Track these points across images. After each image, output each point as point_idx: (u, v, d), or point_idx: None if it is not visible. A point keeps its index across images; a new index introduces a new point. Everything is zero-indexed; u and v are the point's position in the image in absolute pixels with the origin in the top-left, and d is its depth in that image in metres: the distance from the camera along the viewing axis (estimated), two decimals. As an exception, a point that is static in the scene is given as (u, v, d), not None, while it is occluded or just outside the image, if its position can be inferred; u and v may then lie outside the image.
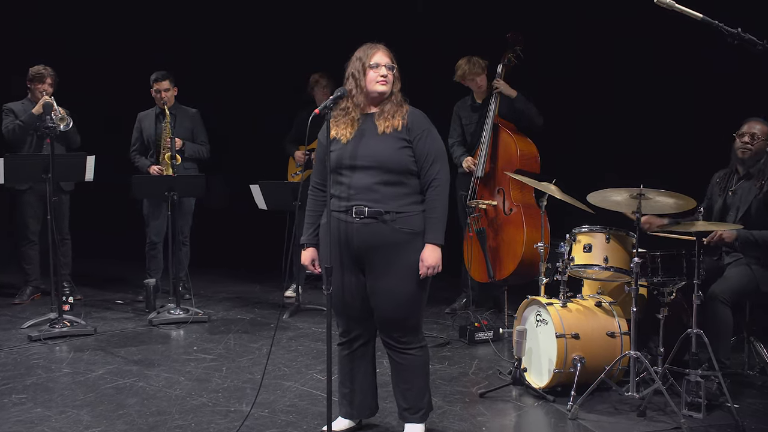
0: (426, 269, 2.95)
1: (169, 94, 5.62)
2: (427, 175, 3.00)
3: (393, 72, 3.04)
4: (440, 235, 2.98)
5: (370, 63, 3.03)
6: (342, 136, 3.05)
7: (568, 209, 4.21)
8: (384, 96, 3.04)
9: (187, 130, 5.69)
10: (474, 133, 5.28)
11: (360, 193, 2.97)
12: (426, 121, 3.06)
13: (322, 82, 5.86)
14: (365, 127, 3.04)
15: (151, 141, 5.68)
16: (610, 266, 3.84)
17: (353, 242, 3.00)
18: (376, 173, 2.96)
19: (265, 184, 5.60)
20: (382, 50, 3.05)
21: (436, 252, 2.96)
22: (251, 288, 6.43)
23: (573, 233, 3.97)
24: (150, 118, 5.70)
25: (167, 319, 5.19)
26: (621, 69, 5.75)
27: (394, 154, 2.96)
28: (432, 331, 4.96)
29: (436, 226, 2.97)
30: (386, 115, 3.01)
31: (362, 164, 2.98)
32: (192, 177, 5.45)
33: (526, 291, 4.21)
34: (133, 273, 6.36)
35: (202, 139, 5.76)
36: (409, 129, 3.00)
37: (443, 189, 3.00)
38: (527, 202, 5.06)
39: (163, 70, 5.67)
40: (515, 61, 5.16)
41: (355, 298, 3.06)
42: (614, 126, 5.76)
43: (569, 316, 3.87)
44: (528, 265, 4.88)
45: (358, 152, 2.99)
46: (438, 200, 2.98)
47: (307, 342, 4.79)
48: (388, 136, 2.98)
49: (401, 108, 3.03)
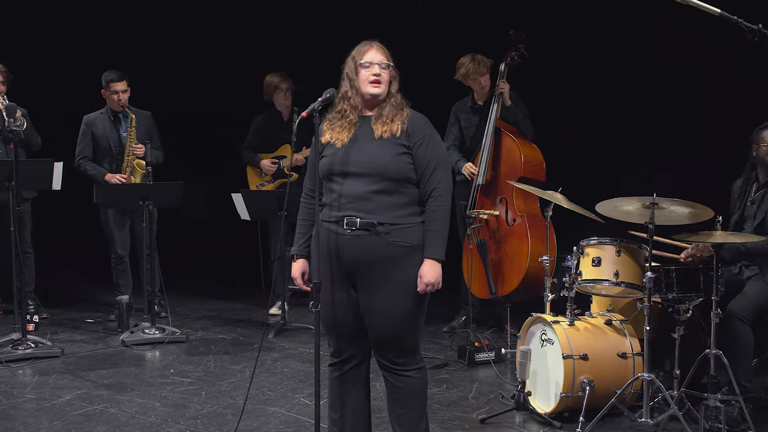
0: (425, 286, 2.93)
1: (125, 96, 5.56)
2: (427, 184, 2.97)
3: (388, 71, 3.00)
4: (441, 250, 2.95)
5: (362, 61, 3.00)
6: (337, 141, 3.01)
7: (576, 219, 4.21)
8: (379, 98, 3.00)
9: (144, 133, 5.61)
10: (474, 136, 5.29)
11: (352, 203, 2.95)
12: (428, 125, 3.04)
13: (282, 86, 5.84)
14: (361, 131, 3.01)
15: (107, 147, 5.62)
16: (621, 281, 3.82)
17: (344, 256, 2.97)
18: (371, 181, 2.94)
19: (248, 193, 5.60)
20: (375, 47, 3.02)
21: (436, 268, 2.94)
22: (233, 305, 6.41)
23: (581, 246, 3.97)
24: (103, 122, 5.63)
25: (141, 339, 5.16)
26: (631, 69, 5.78)
27: (392, 161, 2.94)
28: (429, 352, 4.95)
29: (437, 240, 2.95)
30: (384, 118, 2.98)
31: (355, 171, 2.95)
32: (169, 185, 5.43)
33: (531, 308, 4.18)
34: (104, 289, 6.32)
35: (157, 144, 5.67)
36: (409, 134, 2.97)
37: (445, 199, 2.98)
38: (532, 212, 5.06)
39: (117, 70, 5.60)
40: (518, 60, 5.16)
41: (346, 316, 3.04)
42: (625, 130, 5.78)
43: (577, 335, 3.86)
44: (532, 280, 4.88)
45: (351, 157, 2.97)
46: (439, 212, 2.96)
47: (294, 364, 4.77)
48: (385, 141, 2.95)
49: (401, 111, 3.01)
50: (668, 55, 5.55)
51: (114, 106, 5.59)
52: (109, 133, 5.61)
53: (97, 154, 5.64)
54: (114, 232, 5.69)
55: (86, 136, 5.64)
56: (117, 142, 5.61)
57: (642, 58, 5.69)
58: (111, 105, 5.61)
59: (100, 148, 5.63)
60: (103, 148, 5.62)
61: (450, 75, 5.23)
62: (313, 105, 3.00)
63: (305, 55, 6.53)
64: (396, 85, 3.03)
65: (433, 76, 5.58)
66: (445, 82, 5.29)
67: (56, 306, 6.09)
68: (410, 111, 3.04)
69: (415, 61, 5.78)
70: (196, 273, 7.24)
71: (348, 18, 6.40)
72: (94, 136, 5.63)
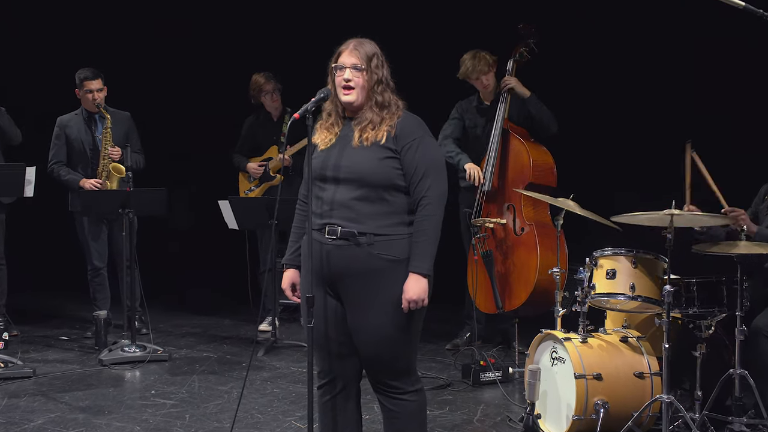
0: (407, 303, 2.90)
1: (101, 95, 5.55)
2: (416, 192, 2.95)
3: (363, 75, 2.97)
4: (426, 263, 2.91)
5: (334, 64, 3.00)
6: (322, 142, 3.04)
7: (589, 228, 4.22)
8: (352, 105, 2.99)
9: (122, 136, 5.61)
10: (479, 138, 5.29)
11: (336, 210, 2.95)
12: (419, 128, 3.01)
13: (267, 88, 5.85)
14: (346, 134, 3.02)
15: (81, 150, 5.61)
16: (637, 295, 3.82)
17: (326, 267, 2.98)
18: (354, 187, 2.93)
19: (236, 200, 5.60)
20: (350, 48, 3.00)
21: (421, 283, 2.90)
22: (219, 321, 6.40)
23: (594, 257, 3.96)
24: (77, 123, 5.63)
25: (120, 357, 5.15)
26: (650, 66, 5.77)
27: (376, 166, 2.93)
28: (430, 371, 4.94)
29: (423, 252, 2.91)
30: (364, 124, 2.97)
31: (336, 175, 2.96)
32: (150, 192, 5.42)
33: (540, 324, 4.19)
34: (80, 304, 6.31)
35: (137, 147, 5.67)
36: (396, 137, 2.96)
37: (435, 208, 2.94)
38: (541, 221, 5.06)
39: (91, 67, 5.60)
40: (528, 56, 5.16)
41: (334, 332, 3.03)
42: (642, 130, 5.77)
43: (590, 353, 3.85)
44: (542, 293, 4.88)
45: (332, 161, 2.97)
46: (427, 222, 2.93)
47: (285, 384, 4.76)
48: (367, 145, 2.95)
49: (390, 115, 2.98)
50: (693, 49, 5.54)
51: (89, 106, 5.58)
52: (83, 135, 5.61)
53: (71, 159, 5.64)
54: (90, 243, 5.68)
55: (60, 139, 5.64)
56: (92, 145, 5.60)
57: (664, 53, 5.68)
58: (86, 105, 5.61)
59: (75, 152, 5.62)
60: (78, 151, 5.62)
61: (456, 73, 5.23)
62: (306, 106, 2.99)
63: (303, 53, 6.50)
64: (382, 87, 3.00)
65: (438, 74, 5.59)
66: (451, 80, 5.28)
67: (28, 322, 6.08)
68: (403, 113, 3.03)
69: (418, 58, 5.86)
70: (180, 286, 7.22)
71: (347, 9, 6.39)
72: (68, 139, 5.63)
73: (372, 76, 2.99)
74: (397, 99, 3.04)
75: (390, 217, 2.95)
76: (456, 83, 5.27)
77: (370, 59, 3.00)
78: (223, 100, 6.85)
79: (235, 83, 6.34)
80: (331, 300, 3.02)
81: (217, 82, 7.02)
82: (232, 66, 6.84)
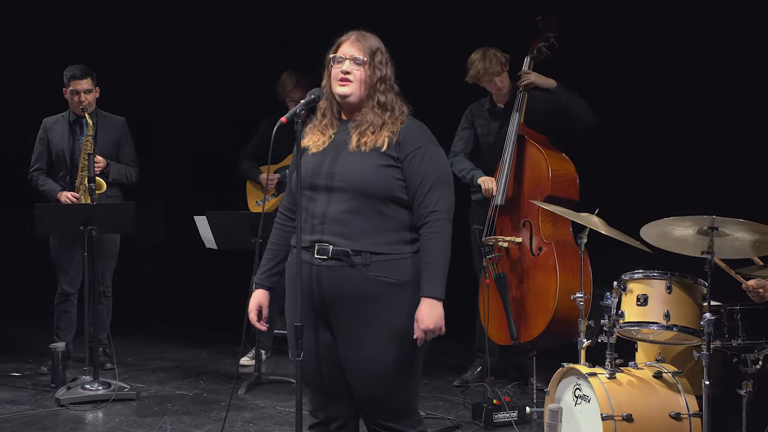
0: (423, 333, 2.90)
1: (90, 97, 5.57)
2: (422, 206, 2.96)
3: (363, 69, 3.00)
4: (440, 286, 2.93)
5: (333, 55, 3.03)
6: (313, 146, 3.05)
7: (617, 247, 4.19)
8: (348, 100, 3.01)
9: (111, 144, 5.65)
10: (493, 146, 5.29)
11: (326, 224, 2.95)
12: (424, 135, 3.03)
13: (288, 83, 5.86)
14: (340, 137, 3.03)
15: (62, 158, 5.63)
16: (672, 324, 3.81)
17: (316, 291, 2.98)
18: (347, 198, 2.94)
19: (215, 215, 5.58)
20: (352, 39, 3.03)
21: (436, 309, 2.90)
22: (195, 353, 6.38)
23: (623, 280, 3.96)
24: (61, 126, 5.66)
25: (81, 396, 5.11)
26: (686, 61, 5.76)
27: (373, 174, 2.93)
28: (437, 411, 4.92)
29: (435, 274, 2.92)
30: (363, 127, 2.99)
31: (330, 184, 2.96)
32: (116, 206, 5.41)
33: (561, 357, 4.17)
34: (34, 335, 6.28)
35: (131, 158, 5.74)
36: (399, 144, 2.97)
37: (444, 224, 2.96)
38: (562, 239, 5.07)
39: (81, 65, 5.63)
40: (548, 52, 5.18)
41: (326, 366, 3.04)
42: (677, 138, 5.76)
43: (619, 391, 3.83)
44: (563, 322, 4.85)
45: (324, 168, 2.98)
46: (437, 239, 2.94)
47: (270, 426, 4.75)
48: (364, 151, 2.97)
49: (393, 120, 3.00)
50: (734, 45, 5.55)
51: (75, 108, 5.60)
52: (65, 141, 5.63)
53: (53, 166, 5.67)
54: (60, 264, 5.67)
55: (42, 143, 5.67)
56: (74, 153, 5.61)
57: (699, 47, 5.68)
58: (72, 107, 5.63)
59: (55, 159, 5.66)
60: (58, 159, 5.64)
61: (464, 74, 5.21)
62: (295, 108, 3.01)
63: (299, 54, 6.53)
64: (385, 86, 3.03)
65: (444, 75, 5.60)
66: (459, 81, 5.27)
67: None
68: (407, 119, 3.04)
69: (421, 56, 5.86)
70: (150, 314, 7.18)
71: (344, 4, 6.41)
72: (50, 143, 5.66)
73: (374, 72, 3.02)
74: (401, 103, 3.06)
75: (388, 233, 2.95)
76: (465, 84, 5.26)
77: (374, 53, 3.03)
78: (205, 100, 6.91)
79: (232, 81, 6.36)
80: (323, 329, 3.02)
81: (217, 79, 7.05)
82: (233, 64, 6.91)
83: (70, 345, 5.62)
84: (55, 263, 5.71)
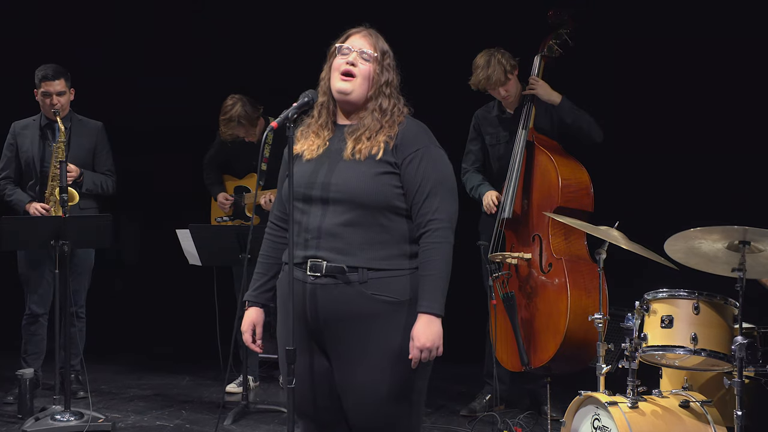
0: (418, 352, 2.89)
1: (63, 100, 5.58)
2: (420, 214, 2.96)
3: (371, 65, 3.01)
4: (439, 301, 2.92)
5: (339, 44, 3.04)
6: (306, 152, 3.05)
7: (640, 263, 4.19)
8: (348, 97, 3.01)
9: (86, 152, 5.66)
10: (503, 156, 5.28)
11: (320, 239, 2.95)
12: (424, 136, 3.04)
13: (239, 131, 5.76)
14: (334, 144, 3.04)
15: (31, 165, 5.63)
16: (701, 349, 3.81)
17: (310, 312, 2.98)
18: (342, 210, 2.94)
19: (199, 229, 5.55)
20: (363, 33, 3.06)
21: (434, 326, 2.90)
22: (176, 380, 6.37)
23: (645, 300, 3.96)
24: (31, 131, 5.66)
25: (51, 428, 5.05)
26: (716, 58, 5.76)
27: (369, 183, 2.93)
28: (441, 444, 4.93)
29: (434, 288, 2.92)
30: (359, 133, 2.99)
31: (325, 196, 2.96)
32: (90, 219, 5.39)
33: (578, 384, 4.18)
34: (1, 359, 6.24)
35: (107, 167, 5.73)
36: (396, 148, 2.98)
37: (445, 234, 2.95)
38: (575, 254, 5.06)
39: (54, 64, 5.62)
40: (560, 51, 5.17)
41: (320, 394, 3.05)
42: (706, 140, 5.75)
43: (642, 421, 3.82)
44: (577, 345, 4.86)
45: (319, 178, 2.98)
46: (437, 250, 2.94)
47: (258, 461, 4.74)
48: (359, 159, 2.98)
49: (391, 125, 3.00)
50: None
51: (47, 112, 5.61)
52: (35, 148, 5.62)
53: (22, 175, 5.68)
54: (28, 282, 5.65)
55: (10, 149, 5.69)
56: (45, 160, 5.61)
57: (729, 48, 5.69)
58: (44, 110, 5.64)
59: (24, 167, 5.66)
60: (27, 166, 5.65)
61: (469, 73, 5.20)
62: (287, 112, 3.00)
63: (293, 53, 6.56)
64: (390, 91, 3.04)
65: (449, 75, 5.58)
66: (463, 83, 5.24)
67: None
68: (405, 119, 3.04)
69: (425, 55, 5.85)
70: (127, 337, 7.16)
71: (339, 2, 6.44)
72: (19, 149, 5.67)
73: (383, 72, 3.03)
74: (402, 106, 3.07)
75: (387, 247, 2.95)
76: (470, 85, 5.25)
77: (384, 54, 3.06)
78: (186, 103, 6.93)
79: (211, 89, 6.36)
80: (317, 354, 3.03)
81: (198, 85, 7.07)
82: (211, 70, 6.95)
83: (39, 371, 5.61)
84: (23, 281, 5.70)
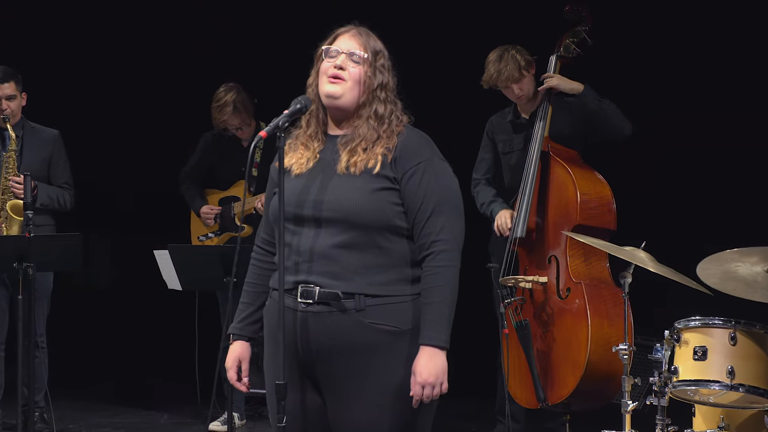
0: (421, 388, 2.89)
1: (13, 105, 5.59)
2: (422, 235, 2.96)
3: (361, 68, 3.03)
4: (443, 332, 2.92)
5: (326, 47, 3.06)
6: (295, 166, 3.05)
7: (669, 288, 4.19)
8: (337, 102, 3.01)
9: (40, 162, 5.65)
10: (515, 166, 5.29)
11: (310, 262, 2.96)
12: (427, 147, 3.04)
13: (232, 122, 5.79)
14: (328, 157, 3.04)
15: None
16: (738, 384, 3.83)
17: (301, 342, 2.98)
18: (337, 230, 2.93)
19: (179, 250, 5.53)
20: (352, 32, 3.08)
21: (438, 359, 2.90)
22: (153, 418, 6.36)
23: (676, 329, 3.98)
24: None
25: (13, 471, 5.05)
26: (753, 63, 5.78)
27: (366, 200, 2.93)
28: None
29: (438, 317, 2.92)
30: (354, 143, 2.99)
31: (317, 215, 2.96)
32: (59, 238, 5.38)
33: (601, 422, 4.27)
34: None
35: (64, 180, 5.72)
36: (396, 160, 2.98)
37: (451, 256, 2.96)
38: (596, 277, 5.03)
39: (3, 66, 5.63)
40: (578, 49, 5.18)
41: None
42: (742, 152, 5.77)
43: (674, 465, 3.84)
44: (599, 379, 4.82)
45: (311, 195, 2.99)
46: (441, 275, 2.94)
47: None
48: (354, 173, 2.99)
49: (389, 135, 3.01)
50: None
51: None
52: None
53: None
54: None
55: None
56: None
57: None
58: None
59: None
60: None
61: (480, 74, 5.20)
62: (277, 120, 2.98)
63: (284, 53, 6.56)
64: (385, 95, 3.05)
65: (463, 78, 5.58)
66: (475, 85, 5.26)
67: None
68: (405, 129, 3.04)
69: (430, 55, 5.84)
70: (99, 369, 7.13)
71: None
72: None
73: (375, 75, 3.03)
74: (401, 113, 3.07)
75: (386, 271, 2.96)
76: (487, 90, 5.25)
77: (376, 54, 3.05)
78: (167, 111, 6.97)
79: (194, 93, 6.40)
80: (310, 389, 3.03)
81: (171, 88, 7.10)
82: (192, 73, 6.97)
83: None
84: None
